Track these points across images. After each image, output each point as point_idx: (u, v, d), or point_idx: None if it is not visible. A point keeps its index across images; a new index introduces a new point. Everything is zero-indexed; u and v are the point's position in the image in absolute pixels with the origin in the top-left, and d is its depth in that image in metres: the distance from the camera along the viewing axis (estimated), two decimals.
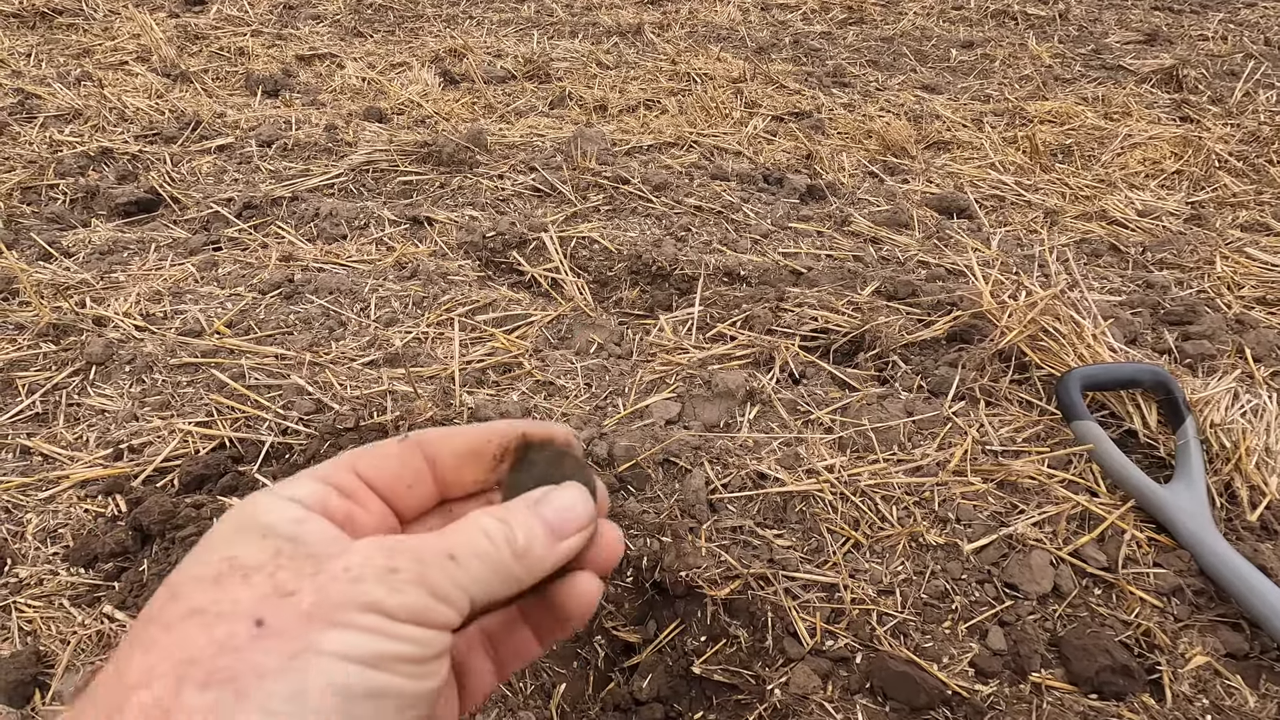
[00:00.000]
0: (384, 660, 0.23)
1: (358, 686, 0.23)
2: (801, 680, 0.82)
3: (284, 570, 0.24)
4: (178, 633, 0.23)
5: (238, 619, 0.23)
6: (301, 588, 0.24)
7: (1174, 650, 0.82)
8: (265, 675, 0.22)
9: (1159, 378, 1.08)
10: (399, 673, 0.24)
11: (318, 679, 0.22)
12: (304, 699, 0.22)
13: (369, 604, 0.24)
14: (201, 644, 0.23)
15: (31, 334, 1.24)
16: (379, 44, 2.92)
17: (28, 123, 2.04)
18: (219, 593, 0.24)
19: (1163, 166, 2.03)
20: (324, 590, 0.24)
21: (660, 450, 1.03)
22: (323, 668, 0.23)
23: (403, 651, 0.24)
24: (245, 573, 0.24)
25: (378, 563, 0.25)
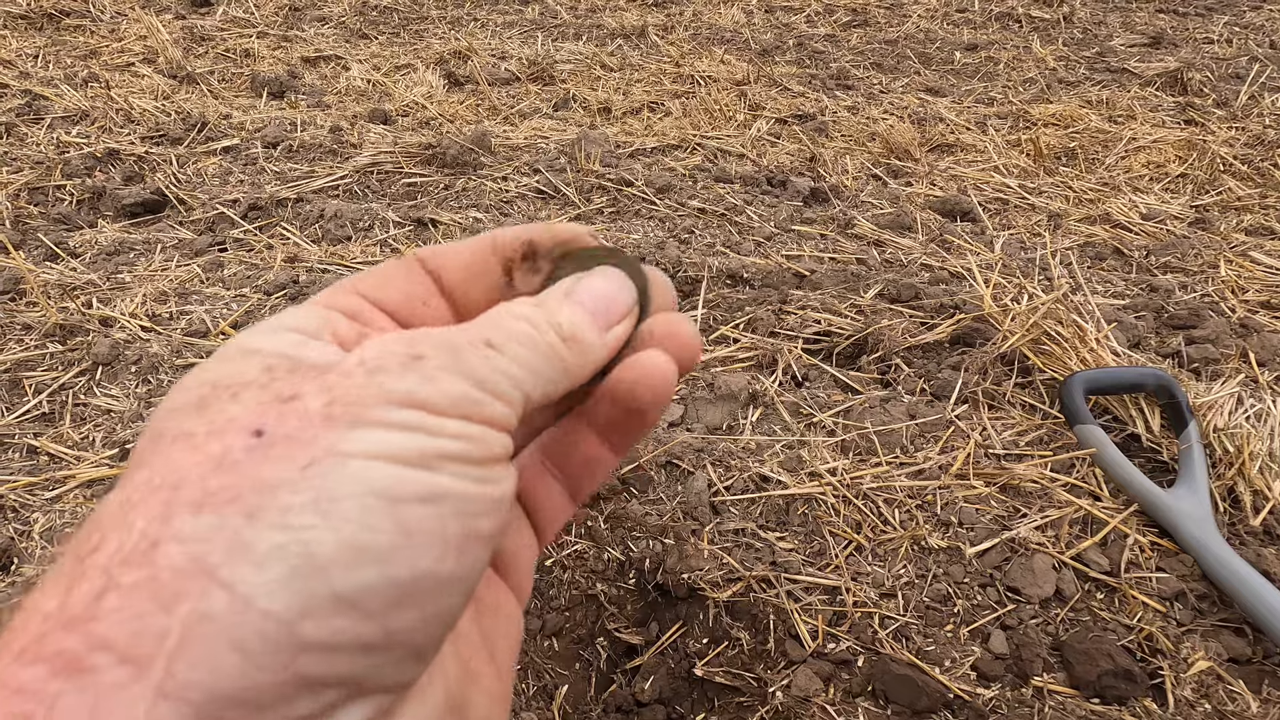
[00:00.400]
0: (431, 459, 0.19)
1: (405, 489, 0.18)
2: (803, 683, 0.82)
3: (279, 381, 0.20)
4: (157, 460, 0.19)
5: (230, 433, 0.19)
6: (304, 390, 0.19)
7: (1176, 655, 0.82)
8: (277, 488, 0.18)
9: (1162, 382, 1.08)
10: (453, 474, 0.19)
11: (349, 484, 0.18)
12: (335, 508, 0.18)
13: (399, 397, 0.19)
14: (187, 465, 0.18)
15: (38, 334, 1.25)
16: (384, 46, 2.93)
17: (35, 124, 2.05)
18: (205, 414, 0.19)
19: (1167, 170, 2.02)
20: (335, 389, 0.19)
21: (663, 452, 1.03)
22: (353, 472, 0.18)
23: (452, 449, 0.19)
24: (234, 391, 0.20)
25: (398, 350, 0.20)
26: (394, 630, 0.18)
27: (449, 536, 0.19)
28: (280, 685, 0.17)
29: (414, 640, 0.19)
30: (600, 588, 0.95)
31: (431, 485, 0.19)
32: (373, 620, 0.18)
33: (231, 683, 0.16)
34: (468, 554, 0.19)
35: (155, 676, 0.16)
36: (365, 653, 0.18)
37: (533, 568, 0.27)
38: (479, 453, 0.20)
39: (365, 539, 0.18)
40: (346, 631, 0.17)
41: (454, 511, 0.19)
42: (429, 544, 0.18)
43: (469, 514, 0.19)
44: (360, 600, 0.18)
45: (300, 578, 0.17)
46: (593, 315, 0.24)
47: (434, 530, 0.19)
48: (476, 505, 0.20)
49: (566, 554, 0.96)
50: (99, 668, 0.16)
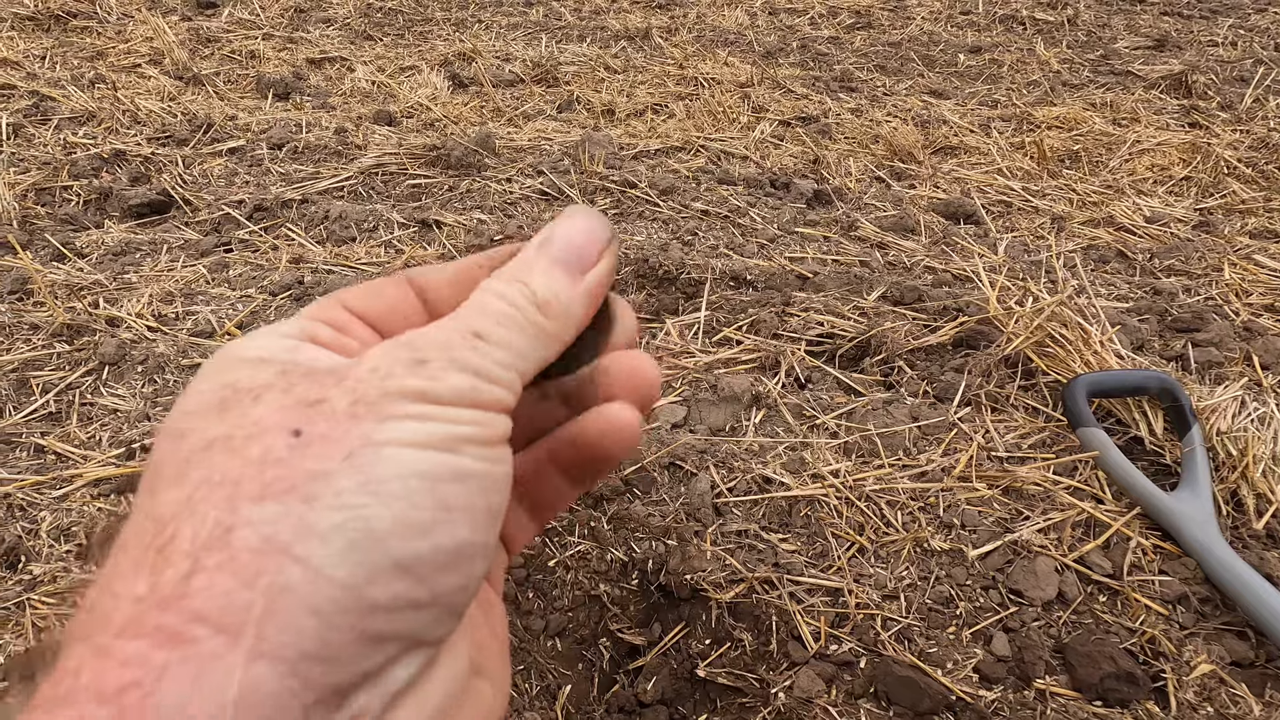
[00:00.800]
0: (454, 443, 0.21)
1: (440, 470, 0.21)
2: (806, 684, 0.82)
3: (299, 385, 0.22)
4: (203, 464, 0.20)
5: (269, 434, 0.20)
6: (329, 395, 0.21)
7: (1179, 658, 0.82)
8: (327, 476, 0.20)
9: (1166, 385, 1.08)
10: (473, 455, 0.22)
11: (392, 467, 0.20)
12: (384, 488, 0.20)
13: (415, 394, 0.21)
14: (237, 466, 0.20)
15: (46, 334, 1.26)
16: (388, 48, 2.94)
17: (42, 125, 2.06)
18: (231, 418, 0.21)
19: (1171, 173, 2.02)
20: (357, 391, 0.21)
21: (666, 454, 1.03)
22: (392, 456, 0.20)
23: (469, 433, 0.22)
24: (255, 394, 0.21)
25: (403, 357, 0.22)
26: (439, 592, 0.21)
27: (478, 510, 0.21)
28: (352, 642, 0.19)
29: (454, 600, 0.21)
30: (603, 588, 0.95)
31: (459, 466, 0.21)
32: (424, 583, 0.20)
33: (312, 642, 0.19)
34: (492, 526, 0.22)
35: (247, 642, 0.18)
36: (417, 611, 0.20)
37: (502, 577, 0.29)
38: (489, 435, 0.22)
39: (414, 514, 0.20)
40: (404, 594, 0.20)
41: (479, 488, 0.22)
42: (465, 517, 0.21)
43: (490, 489, 0.22)
44: (414, 566, 0.20)
45: (361, 549, 0.19)
46: (567, 266, 0.25)
47: (467, 505, 0.21)
48: (493, 482, 0.22)
49: (570, 554, 0.96)
50: (198, 638, 0.18)
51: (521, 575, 0.97)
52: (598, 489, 1.00)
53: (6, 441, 1.08)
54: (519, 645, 0.91)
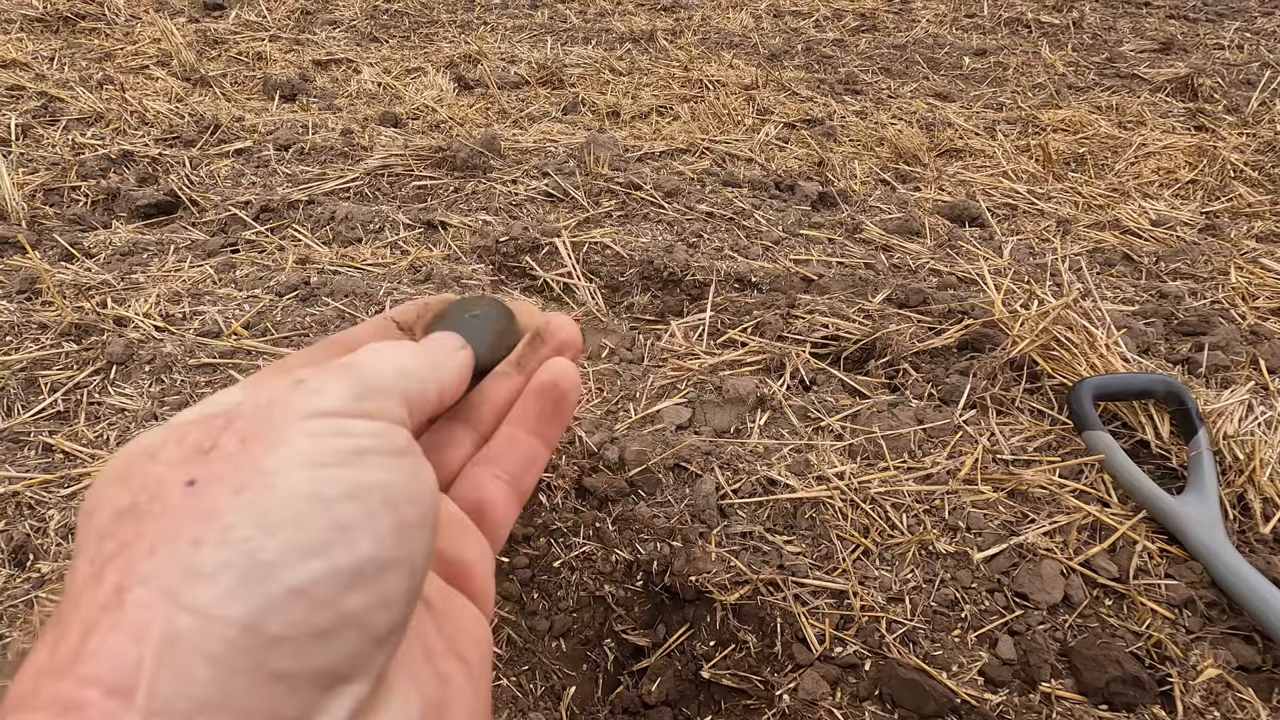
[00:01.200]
0: (349, 457, 0.21)
1: (333, 489, 0.20)
2: (810, 686, 0.82)
3: (191, 435, 0.22)
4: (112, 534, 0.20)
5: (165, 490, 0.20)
6: (220, 440, 0.21)
7: (1185, 662, 0.82)
8: (215, 515, 0.20)
9: (1172, 388, 1.07)
10: (372, 467, 0.21)
11: (281, 496, 0.20)
12: (271, 518, 0.20)
13: (302, 413, 0.22)
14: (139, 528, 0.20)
15: (54, 333, 1.26)
16: (394, 49, 2.95)
17: (51, 125, 2.08)
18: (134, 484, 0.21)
19: (1177, 176, 2.02)
20: (245, 429, 0.21)
21: (671, 455, 1.03)
22: (282, 483, 0.20)
23: (366, 445, 0.22)
24: (150, 454, 0.22)
25: (281, 383, 0.23)
26: (348, 613, 0.20)
27: (382, 524, 0.21)
28: (259, 685, 0.18)
29: (371, 622, 0.20)
30: (608, 589, 0.95)
31: (355, 481, 0.21)
32: (327, 607, 0.20)
33: (210, 690, 0.18)
34: (406, 542, 0.21)
35: (140, 700, 0.18)
36: (326, 639, 0.19)
37: (491, 573, 0.29)
38: (390, 445, 0.22)
39: (304, 537, 0.20)
40: (304, 620, 0.19)
41: (381, 502, 0.21)
42: (367, 533, 0.21)
43: (396, 503, 0.21)
44: (310, 589, 0.19)
45: (250, 583, 0.19)
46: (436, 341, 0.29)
47: (367, 521, 0.21)
48: (401, 494, 0.22)
49: (574, 555, 0.97)
50: (90, 702, 0.18)
51: (526, 576, 0.97)
52: (603, 490, 1.00)
53: (15, 440, 1.08)
54: (524, 646, 0.91)
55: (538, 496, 1.01)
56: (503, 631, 0.91)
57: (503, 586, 0.95)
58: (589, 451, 1.05)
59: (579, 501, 1.01)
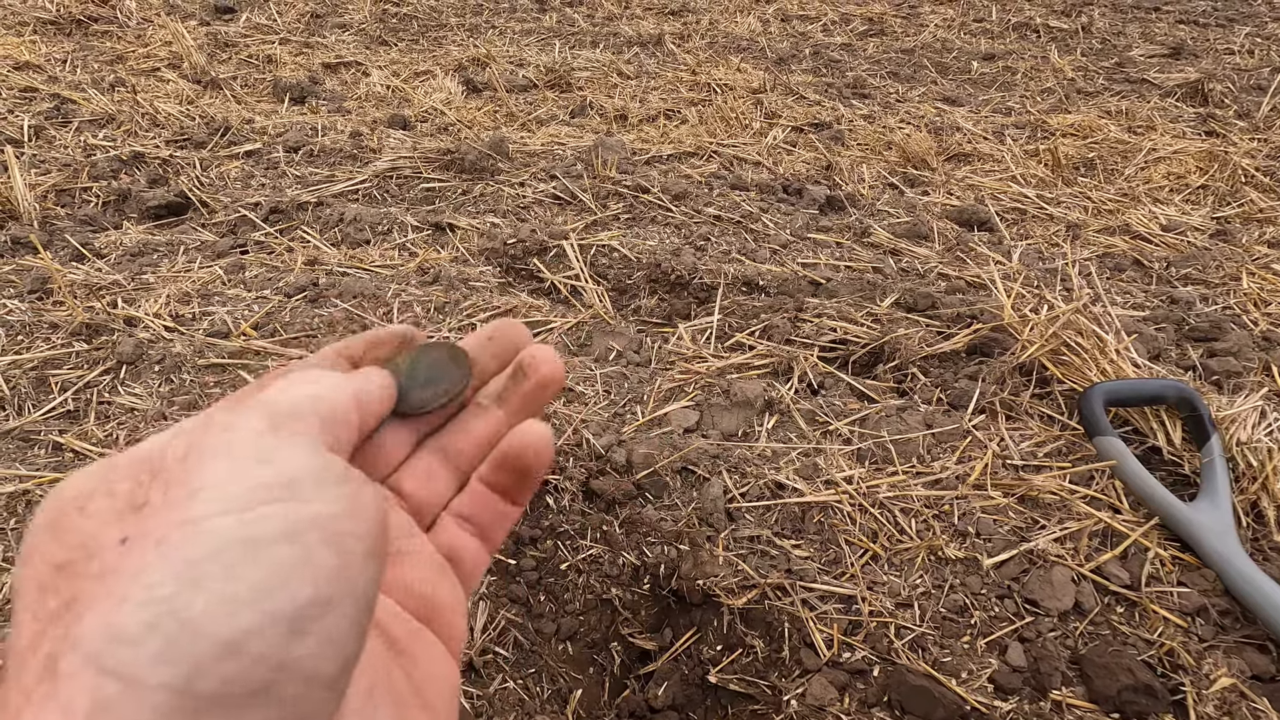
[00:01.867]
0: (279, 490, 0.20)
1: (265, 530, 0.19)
2: (818, 692, 0.82)
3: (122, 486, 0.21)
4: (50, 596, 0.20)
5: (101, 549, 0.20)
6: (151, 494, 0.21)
7: (1198, 671, 0.81)
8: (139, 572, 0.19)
9: (1184, 394, 1.07)
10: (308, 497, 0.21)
11: (205, 545, 0.19)
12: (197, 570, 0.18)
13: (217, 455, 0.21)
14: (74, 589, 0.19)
15: (65, 333, 1.27)
16: (403, 52, 2.96)
17: (63, 127, 2.09)
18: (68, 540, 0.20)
19: (1187, 181, 2.01)
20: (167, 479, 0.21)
21: (679, 458, 1.03)
22: (207, 531, 0.19)
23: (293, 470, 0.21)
24: (80, 505, 0.21)
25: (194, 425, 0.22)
26: (290, 662, 0.19)
27: (323, 563, 0.20)
28: None
29: (316, 668, 0.19)
30: (615, 592, 0.95)
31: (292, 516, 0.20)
32: (265, 659, 0.18)
33: None
34: (351, 577, 0.20)
35: None
36: (268, 692, 0.18)
37: (463, 615, 0.29)
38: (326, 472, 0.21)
39: (234, 588, 0.18)
40: (240, 676, 0.18)
41: (321, 538, 0.20)
42: (304, 575, 0.19)
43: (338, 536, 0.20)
44: (245, 642, 0.18)
45: (177, 643, 0.18)
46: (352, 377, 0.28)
47: (305, 560, 0.19)
48: (341, 526, 0.20)
49: (581, 558, 0.96)
50: None
51: (533, 578, 0.96)
52: (610, 493, 1.00)
53: (25, 439, 1.09)
54: (530, 649, 0.91)
55: (544, 499, 1.01)
56: (509, 634, 0.91)
57: (509, 589, 0.95)
58: (596, 454, 1.04)
59: (586, 504, 1.00)
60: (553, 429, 1.07)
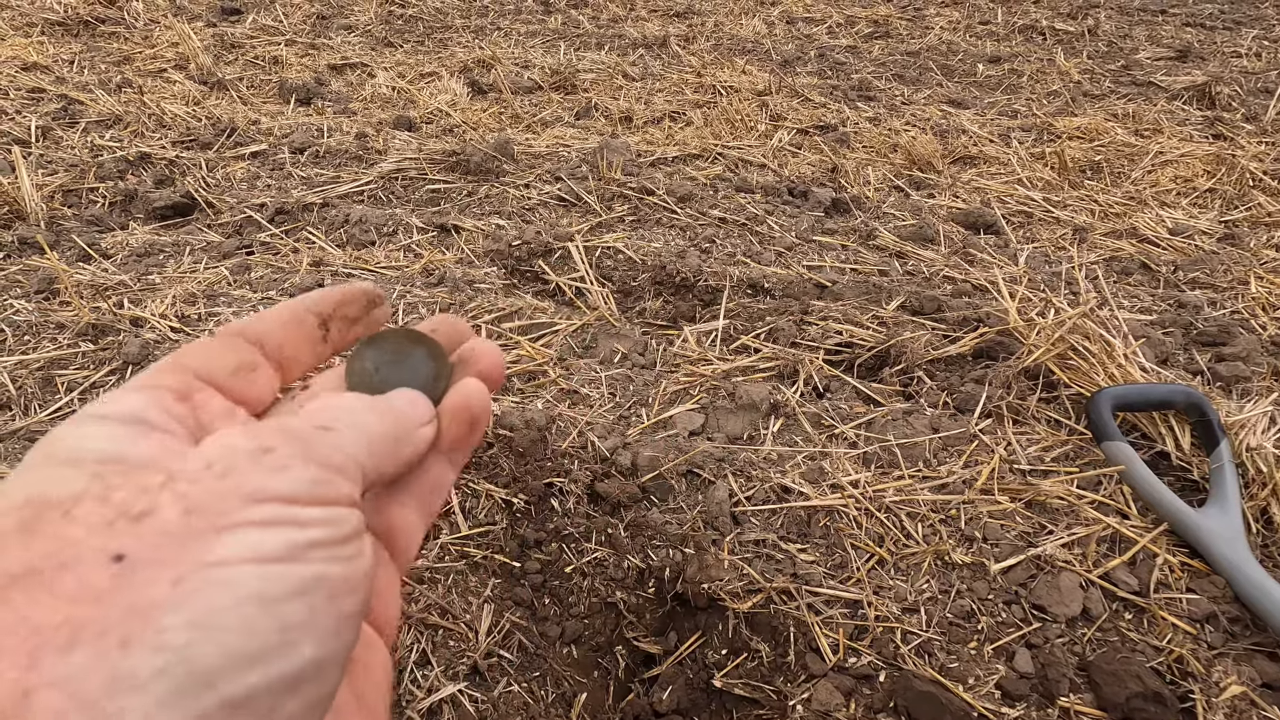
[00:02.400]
0: (300, 551, 0.19)
1: (280, 588, 0.19)
2: (824, 697, 0.81)
3: (120, 490, 0.19)
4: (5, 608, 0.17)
5: (85, 564, 0.18)
6: (158, 502, 0.19)
7: (1208, 678, 0.80)
8: (149, 611, 0.17)
9: (1193, 399, 1.06)
10: (321, 559, 0.20)
11: (226, 595, 0.18)
12: (213, 620, 0.18)
13: (256, 494, 0.20)
14: (45, 608, 0.17)
15: (71, 333, 1.27)
16: (409, 54, 2.97)
17: (70, 128, 2.10)
18: (38, 545, 0.18)
19: (1195, 184, 2.00)
20: (190, 496, 0.19)
21: (684, 461, 1.03)
22: (229, 580, 0.18)
23: (317, 537, 0.20)
24: (64, 509, 0.19)
25: (245, 447, 0.21)
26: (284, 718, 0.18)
27: (324, 623, 0.19)
28: None
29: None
30: (619, 596, 0.94)
31: (303, 576, 0.19)
32: (263, 716, 0.18)
33: None
34: (343, 634, 0.20)
35: None
36: None
37: (397, 598, 0.28)
38: (340, 534, 0.21)
39: (248, 644, 0.18)
40: None
41: (326, 597, 0.20)
42: (310, 634, 0.19)
43: (342, 593, 0.20)
44: (249, 701, 0.18)
45: (187, 694, 0.17)
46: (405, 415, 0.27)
47: (310, 621, 0.19)
48: (345, 585, 0.20)
49: (586, 561, 0.96)
50: None
51: (538, 581, 0.96)
52: (615, 496, 0.99)
53: (31, 439, 1.09)
54: (535, 652, 0.91)
55: (550, 501, 1.01)
56: (514, 637, 0.90)
57: (514, 592, 0.95)
58: (601, 456, 1.04)
59: (591, 507, 1.00)
60: (558, 431, 1.07)
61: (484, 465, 1.03)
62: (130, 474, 0.20)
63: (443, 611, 0.88)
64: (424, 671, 0.83)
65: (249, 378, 0.26)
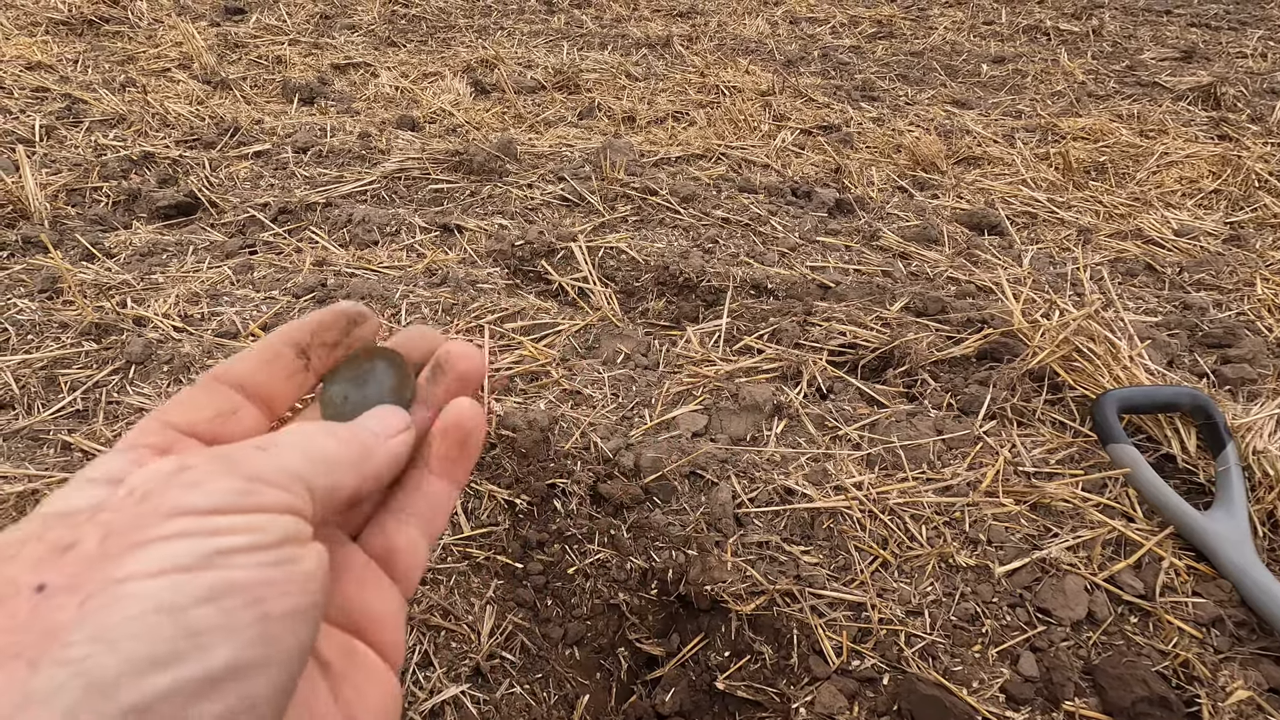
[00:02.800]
0: (211, 558, 0.20)
1: (187, 595, 0.19)
2: (827, 700, 0.81)
3: (56, 530, 0.21)
4: None
5: (16, 596, 0.20)
6: (81, 535, 0.21)
7: (1214, 683, 0.80)
8: (57, 631, 0.19)
9: (1199, 401, 1.05)
10: (241, 564, 0.20)
11: (131, 607, 0.19)
12: (114, 631, 0.19)
13: (171, 510, 0.21)
14: None
15: (74, 332, 1.27)
16: (412, 54, 2.97)
17: (74, 127, 2.10)
18: None
19: (1200, 185, 1.99)
20: (110, 523, 0.21)
21: (687, 462, 1.02)
22: (134, 593, 0.19)
23: (233, 544, 0.20)
24: (10, 553, 0.21)
25: (165, 469, 0.22)
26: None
27: (242, 626, 0.20)
28: None
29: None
30: (622, 597, 0.94)
31: (212, 583, 0.20)
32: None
33: None
34: (273, 637, 0.20)
35: None
36: None
37: (402, 622, 0.28)
38: (266, 539, 0.21)
39: (148, 650, 0.19)
40: None
41: (245, 602, 0.20)
42: (223, 637, 0.19)
43: (264, 598, 0.20)
44: (154, 705, 0.18)
45: (87, 705, 0.18)
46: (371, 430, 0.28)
47: (225, 624, 0.20)
48: (273, 589, 0.21)
49: (589, 562, 0.96)
50: None
51: (540, 582, 0.96)
52: (618, 497, 0.99)
53: (34, 438, 1.09)
54: (537, 653, 0.91)
55: (552, 502, 1.00)
56: (516, 638, 0.90)
57: (516, 593, 0.94)
58: (604, 458, 1.04)
59: (594, 508, 1.00)
60: (561, 432, 1.07)
61: (486, 466, 1.03)
62: (67, 516, 0.21)
63: (445, 613, 0.88)
64: (426, 673, 0.83)
65: (230, 420, 0.27)
